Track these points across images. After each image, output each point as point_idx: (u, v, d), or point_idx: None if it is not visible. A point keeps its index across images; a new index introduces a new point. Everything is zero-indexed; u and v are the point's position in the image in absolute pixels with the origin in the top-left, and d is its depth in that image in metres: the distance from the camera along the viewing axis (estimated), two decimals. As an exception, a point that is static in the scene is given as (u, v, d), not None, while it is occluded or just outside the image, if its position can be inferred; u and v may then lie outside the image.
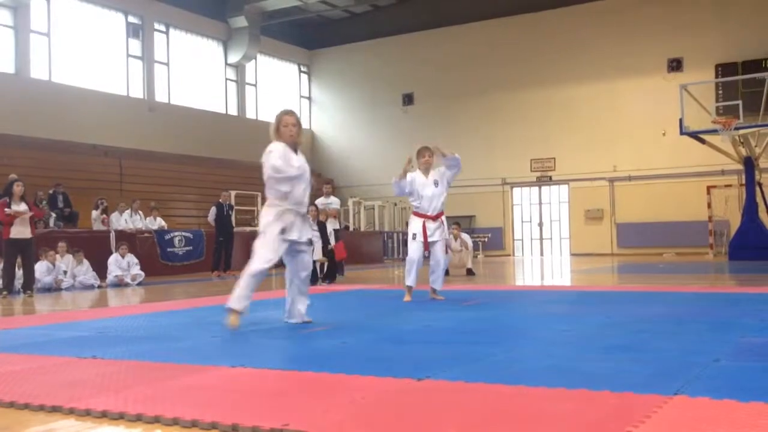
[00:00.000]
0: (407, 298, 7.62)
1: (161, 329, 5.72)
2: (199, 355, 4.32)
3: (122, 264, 12.51)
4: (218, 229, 14.93)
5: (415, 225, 7.74)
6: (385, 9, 26.52)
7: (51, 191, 15.15)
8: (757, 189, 16.38)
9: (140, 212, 15.56)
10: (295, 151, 5.55)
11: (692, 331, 4.89)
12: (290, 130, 5.54)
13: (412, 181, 7.67)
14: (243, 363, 3.88)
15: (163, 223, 16.11)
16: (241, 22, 24.08)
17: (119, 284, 12.14)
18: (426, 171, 7.74)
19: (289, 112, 5.65)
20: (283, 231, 5.45)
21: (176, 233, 15.60)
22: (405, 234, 24.27)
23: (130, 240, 13.75)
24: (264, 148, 5.56)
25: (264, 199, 5.57)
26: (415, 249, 7.70)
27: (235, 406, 2.94)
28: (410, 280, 7.70)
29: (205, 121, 23.33)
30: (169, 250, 15.30)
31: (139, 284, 12.31)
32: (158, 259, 14.96)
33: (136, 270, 12.64)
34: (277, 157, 5.41)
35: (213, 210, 14.92)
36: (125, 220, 14.95)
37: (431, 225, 7.63)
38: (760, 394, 2.84)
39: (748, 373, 3.41)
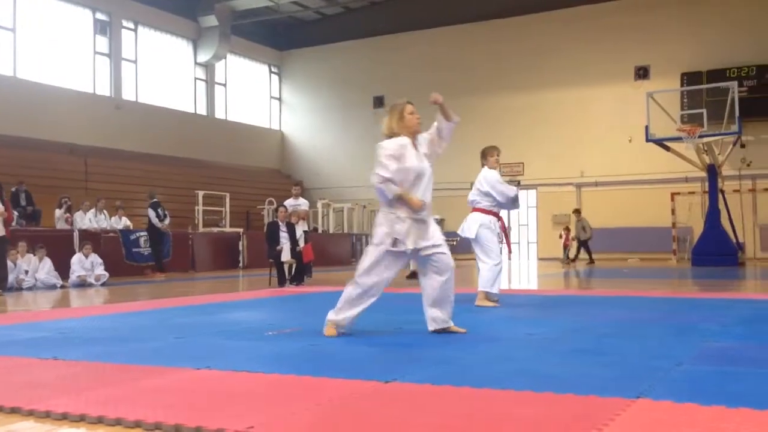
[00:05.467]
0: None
1: (124, 330, 5.64)
2: (163, 356, 4.26)
3: (86, 264, 12.31)
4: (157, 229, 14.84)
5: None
6: (357, 11, 26.52)
7: (13, 189, 14.87)
8: (720, 196, 16.68)
9: (105, 211, 15.35)
10: (415, 146, 5.09)
11: (655, 335, 4.96)
12: (417, 117, 5.11)
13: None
14: (208, 365, 3.84)
15: (129, 222, 15.92)
16: (211, 21, 23.89)
17: (82, 284, 11.94)
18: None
19: (410, 102, 5.22)
20: (395, 243, 4.89)
21: (142, 233, 15.40)
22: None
23: (94, 240, 13.54)
24: (232, 148, 5.45)
25: (231, 200, 5.48)
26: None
27: (199, 408, 2.90)
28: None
29: (173, 120, 23.09)
30: (134, 250, 15.10)
31: (102, 285, 12.12)
32: (123, 260, 14.76)
33: (100, 270, 12.44)
34: (387, 155, 4.95)
35: (152, 212, 14.78)
36: (90, 220, 14.74)
37: None
38: (720, 398, 2.89)
39: (709, 376, 3.47)
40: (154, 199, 14.96)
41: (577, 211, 20.04)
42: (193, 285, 12.26)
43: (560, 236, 20.79)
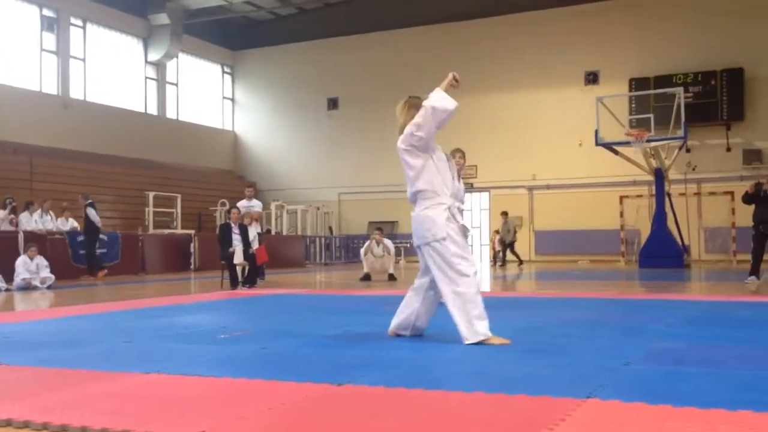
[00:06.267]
0: None
1: (71, 334, 5.51)
2: (111, 361, 4.17)
3: (31, 266, 11.98)
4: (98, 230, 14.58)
5: None
6: (311, 12, 26.42)
7: (-45, 189, 14.41)
8: (667, 199, 17.08)
9: (51, 213, 14.98)
10: None
11: (605, 335, 5.05)
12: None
13: None
14: (157, 369, 3.77)
15: (76, 224, 15.54)
16: (162, 19, 23.51)
17: (27, 287, 11.62)
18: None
19: (418, 97, 5.06)
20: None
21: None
22: (327, 238, 24.35)
23: (40, 241, 13.20)
24: (184, 149, 5.32)
25: (183, 201, 5.33)
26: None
27: (147, 413, 2.85)
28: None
29: (122, 120, 22.65)
30: (81, 252, 14.75)
31: (48, 288, 11.82)
32: (70, 262, 14.41)
33: (46, 273, 12.11)
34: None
35: (93, 211, 14.48)
36: (35, 221, 14.36)
37: None
38: (667, 397, 2.95)
39: (656, 376, 3.54)
40: (90, 200, 14.67)
41: (504, 214, 20.36)
42: (142, 287, 12.04)
43: (490, 240, 21.04)
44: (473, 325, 4.52)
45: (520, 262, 19.88)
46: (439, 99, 4.75)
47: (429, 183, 4.77)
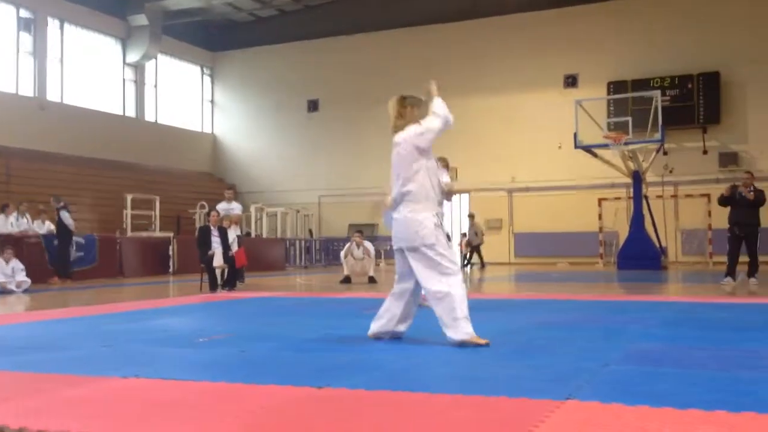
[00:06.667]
0: None
1: (48, 339, 5.44)
2: (89, 365, 4.13)
3: (6, 270, 11.81)
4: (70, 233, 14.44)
5: None
6: (291, 14, 26.36)
7: (-72, 191, 14.19)
8: (644, 202, 17.24)
9: (28, 215, 14.80)
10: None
11: (584, 337, 5.08)
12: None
13: None
14: (136, 373, 3.74)
15: (52, 227, 15.36)
16: (141, 20, 23.32)
17: (2, 291, 11.46)
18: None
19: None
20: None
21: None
22: (307, 241, 24.27)
23: (16, 244, 13.03)
24: (163, 151, 5.29)
25: (161, 204, 5.29)
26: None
27: (126, 418, 2.83)
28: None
29: (100, 122, 22.43)
30: (59, 255, 14.57)
31: (24, 291, 11.67)
32: (46, 265, 14.24)
33: (22, 276, 11.96)
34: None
35: (67, 214, 14.36)
36: (11, 224, 14.17)
37: None
38: (645, 398, 2.98)
39: (634, 377, 3.57)
40: (62, 203, 14.52)
41: (471, 216, 20.44)
42: (121, 291, 11.94)
43: (459, 243, 21.13)
44: (459, 326, 4.56)
45: (483, 265, 19.94)
46: (447, 110, 4.85)
47: (421, 186, 4.79)
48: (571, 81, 23.05)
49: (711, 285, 11.29)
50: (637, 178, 17.07)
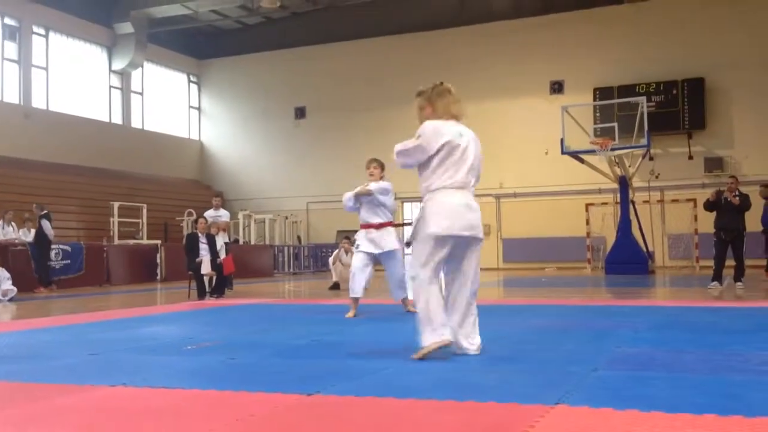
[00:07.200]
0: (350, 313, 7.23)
1: (35, 347, 5.40)
2: (77, 374, 4.10)
3: (-8, 278, 11.73)
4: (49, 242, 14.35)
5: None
6: (278, 21, 26.36)
7: None
8: (631, 207, 17.33)
9: (13, 223, 14.69)
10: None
11: (572, 342, 5.10)
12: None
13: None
14: (124, 382, 3.72)
15: (39, 235, 15.25)
16: (127, 28, 23.24)
17: (-11, 300, 11.37)
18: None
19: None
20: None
21: (53, 246, 14.78)
22: (295, 247, 24.23)
23: (1, 253, 12.93)
24: (150, 159, 5.29)
25: (148, 211, 5.28)
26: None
27: (114, 427, 2.81)
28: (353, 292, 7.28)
29: (86, 130, 22.33)
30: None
31: (10, 300, 11.57)
32: (33, 274, 14.13)
33: (8, 285, 11.85)
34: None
35: (47, 223, 14.27)
36: (-3, 232, 14.07)
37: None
38: (634, 402, 2.99)
39: (623, 381, 3.58)
40: (45, 211, 14.43)
41: None
42: (108, 299, 11.87)
43: None
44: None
45: None
46: (400, 149, 4.82)
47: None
48: (557, 87, 23.17)
49: (698, 289, 11.35)
50: (624, 183, 17.16)
